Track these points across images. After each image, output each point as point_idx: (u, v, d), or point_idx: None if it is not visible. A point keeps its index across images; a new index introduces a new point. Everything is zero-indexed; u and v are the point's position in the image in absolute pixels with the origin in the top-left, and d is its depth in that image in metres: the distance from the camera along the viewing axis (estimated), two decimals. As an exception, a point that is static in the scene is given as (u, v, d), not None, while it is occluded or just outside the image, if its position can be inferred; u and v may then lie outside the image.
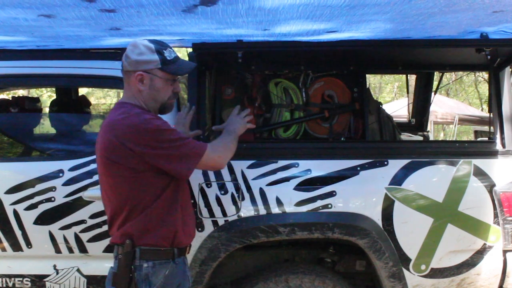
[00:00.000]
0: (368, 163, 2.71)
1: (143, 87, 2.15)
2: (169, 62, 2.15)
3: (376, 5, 2.10)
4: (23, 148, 3.83)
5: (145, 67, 2.14)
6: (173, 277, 2.11)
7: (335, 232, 2.66)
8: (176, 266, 2.13)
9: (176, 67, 2.18)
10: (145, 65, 2.13)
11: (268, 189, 2.68)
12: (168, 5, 2.08)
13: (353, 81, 3.25)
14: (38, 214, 2.70)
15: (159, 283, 2.07)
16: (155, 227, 2.08)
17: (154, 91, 2.16)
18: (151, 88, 2.15)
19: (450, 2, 2.09)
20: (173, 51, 2.20)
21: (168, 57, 2.15)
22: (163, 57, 2.14)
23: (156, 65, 2.13)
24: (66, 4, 2.05)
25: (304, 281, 2.72)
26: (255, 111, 3.19)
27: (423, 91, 4.41)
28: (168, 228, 2.10)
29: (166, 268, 2.09)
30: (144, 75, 2.14)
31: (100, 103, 18.51)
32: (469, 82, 20.38)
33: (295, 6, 2.09)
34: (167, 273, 2.09)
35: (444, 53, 3.21)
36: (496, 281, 2.75)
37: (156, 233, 2.08)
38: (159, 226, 2.08)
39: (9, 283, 2.79)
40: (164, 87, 2.18)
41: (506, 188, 2.69)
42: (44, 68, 2.89)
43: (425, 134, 4.36)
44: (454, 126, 12.38)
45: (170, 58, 2.16)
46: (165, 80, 2.17)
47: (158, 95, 2.17)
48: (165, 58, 2.15)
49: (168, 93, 2.20)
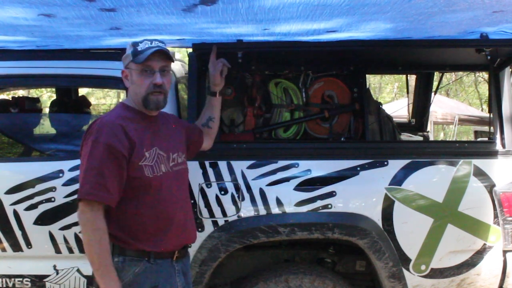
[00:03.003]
0: (368, 163, 2.71)
1: (128, 83, 2.18)
2: (138, 53, 2.09)
3: (376, 4, 2.10)
4: (23, 148, 3.83)
5: (125, 63, 2.18)
6: (145, 276, 2.06)
7: (335, 232, 2.66)
8: (151, 266, 2.07)
9: (141, 56, 2.08)
10: (125, 61, 2.18)
11: (268, 189, 2.68)
12: (168, 4, 2.08)
13: (353, 81, 3.25)
14: (38, 215, 2.70)
15: (127, 280, 2.03)
16: (122, 227, 2.06)
17: (134, 85, 2.15)
18: (132, 82, 2.16)
19: (450, 2, 2.09)
20: (150, 43, 2.11)
21: (140, 48, 2.10)
22: (134, 49, 2.11)
23: (130, 58, 2.13)
24: (66, 3, 2.05)
25: (304, 282, 2.72)
26: (255, 111, 3.19)
27: (423, 91, 4.41)
28: (127, 232, 2.06)
29: (137, 266, 2.06)
30: (125, 71, 2.18)
31: (100, 103, 18.51)
32: (469, 82, 20.37)
33: (295, 5, 2.09)
34: (138, 271, 2.05)
35: (444, 53, 3.21)
36: (496, 281, 2.75)
37: (124, 232, 2.06)
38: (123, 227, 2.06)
39: (9, 283, 2.78)
40: (139, 79, 2.11)
41: (506, 188, 2.69)
42: (44, 68, 2.89)
43: (425, 134, 4.36)
44: (454, 126, 12.37)
45: (140, 49, 2.09)
46: (140, 72, 2.11)
47: (138, 89, 2.13)
48: (136, 50, 2.10)
49: (145, 86, 2.10)
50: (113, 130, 2.04)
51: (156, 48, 2.10)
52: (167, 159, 2.16)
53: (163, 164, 2.13)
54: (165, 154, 2.16)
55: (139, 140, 2.09)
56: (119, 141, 2.02)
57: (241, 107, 3.22)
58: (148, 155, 2.10)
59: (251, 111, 3.19)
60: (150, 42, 2.12)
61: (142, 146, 2.09)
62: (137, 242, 2.07)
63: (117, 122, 2.07)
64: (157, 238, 2.09)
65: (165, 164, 2.15)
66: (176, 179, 2.19)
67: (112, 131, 2.03)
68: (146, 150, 2.10)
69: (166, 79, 2.15)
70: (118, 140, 2.02)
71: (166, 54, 2.13)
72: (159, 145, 2.15)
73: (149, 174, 2.07)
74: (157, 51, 2.09)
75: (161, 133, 2.21)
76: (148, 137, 2.13)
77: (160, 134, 2.20)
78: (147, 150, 2.10)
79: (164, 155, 2.15)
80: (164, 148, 2.16)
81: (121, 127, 2.05)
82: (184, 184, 2.30)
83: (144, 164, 2.07)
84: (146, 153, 2.09)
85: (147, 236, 2.08)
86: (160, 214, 2.10)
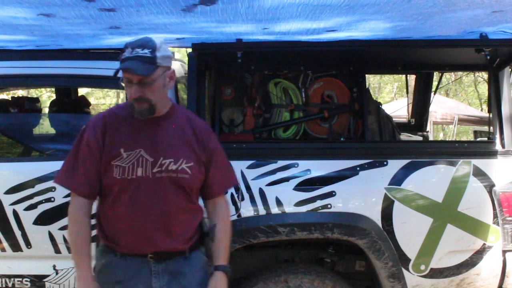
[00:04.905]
0: (368, 163, 2.71)
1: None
2: (120, 60, 2.01)
3: (376, 4, 2.10)
4: (23, 148, 3.83)
5: None
6: (111, 269, 2.09)
7: (335, 232, 2.66)
8: (118, 261, 2.07)
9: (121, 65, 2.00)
10: None
11: (268, 189, 2.68)
12: (167, 4, 2.08)
13: (352, 81, 3.26)
14: (38, 214, 2.70)
15: (97, 268, 2.12)
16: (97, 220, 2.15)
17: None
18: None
19: (450, 2, 2.09)
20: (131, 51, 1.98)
21: (122, 55, 2.01)
22: (121, 53, 2.03)
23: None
24: (66, 3, 2.05)
25: (304, 281, 2.72)
26: (255, 111, 3.19)
27: (423, 91, 4.41)
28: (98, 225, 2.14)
29: (105, 257, 2.11)
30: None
31: (100, 103, 18.52)
32: (469, 82, 20.39)
33: (295, 4, 2.09)
34: (105, 262, 2.11)
35: (444, 53, 3.21)
36: (495, 281, 2.75)
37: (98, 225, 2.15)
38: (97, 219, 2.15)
39: (9, 283, 2.78)
40: (126, 86, 2.03)
41: (506, 188, 2.69)
42: (44, 68, 2.88)
43: (425, 134, 4.36)
44: (454, 126, 12.38)
45: (123, 56, 2.00)
46: (125, 78, 2.02)
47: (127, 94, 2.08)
48: (121, 55, 2.03)
49: (129, 94, 2.02)
50: (95, 123, 2.10)
51: (123, 67, 1.98)
52: (152, 164, 2.04)
53: (142, 168, 2.03)
54: (151, 158, 2.05)
55: (119, 138, 2.05)
56: (94, 132, 2.07)
57: (240, 107, 3.22)
58: (126, 155, 2.03)
59: (250, 111, 3.19)
60: (132, 50, 1.98)
61: (119, 145, 2.04)
62: (103, 237, 2.13)
63: (103, 116, 2.12)
64: (115, 239, 2.09)
65: (146, 168, 2.03)
66: (156, 185, 2.04)
67: (94, 123, 2.10)
68: (125, 151, 2.03)
69: (148, 89, 2.00)
70: (95, 131, 2.07)
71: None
72: (147, 148, 2.05)
73: (116, 175, 2.02)
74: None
75: (158, 136, 2.09)
76: (133, 138, 2.06)
77: (156, 138, 2.08)
78: (127, 150, 2.04)
79: (149, 160, 2.04)
80: (153, 153, 2.05)
81: (102, 121, 2.09)
82: (170, 192, 2.06)
83: (116, 164, 2.03)
84: (124, 153, 2.03)
85: (109, 233, 2.11)
86: (119, 217, 2.06)
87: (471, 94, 21.55)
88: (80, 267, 2.04)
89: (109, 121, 2.09)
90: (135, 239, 2.06)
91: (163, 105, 2.10)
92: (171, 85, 2.10)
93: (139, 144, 2.06)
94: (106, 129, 2.07)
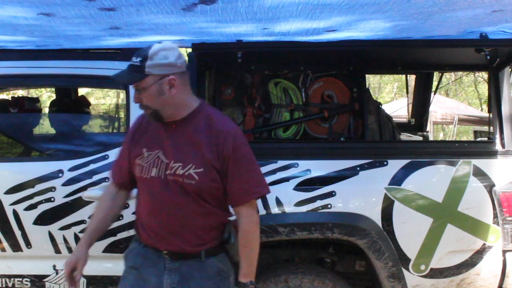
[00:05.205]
0: (368, 163, 2.71)
1: None
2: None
3: (376, 3, 2.10)
4: (23, 148, 3.83)
5: None
6: (133, 254, 2.19)
7: (335, 232, 2.66)
8: (140, 248, 2.16)
9: None
10: None
11: (268, 189, 2.68)
12: (167, 4, 2.08)
13: (352, 81, 3.26)
14: (38, 214, 2.70)
15: (127, 250, 2.24)
16: None
17: None
18: None
19: (450, 1, 2.09)
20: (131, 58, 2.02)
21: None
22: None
23: None
24: (66, 2, 2.05)
25: (304, 281, 2.72)
26: (255, 111, 3.19)
27: (423, 91, 4.41)
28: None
29: (133, 242, 2.24)
30: None
31: (100, 103, 18.52)
32: (469, 82, 20.39)
33: (295, 4, 2.09)
34: (131, 246, 2.23)
35: (444, 53, 3.21)
36: (495, 281, 2.75)
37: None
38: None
39: (9, 283, 2.78)
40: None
41: (506, 188, 2.69)
42: (44, 68, 2.89)
43: (425, 134, 4.36)
44: (454, 126, 12.38)
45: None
46: None
47: None
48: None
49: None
50: (135, 121, 2.25)
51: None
52: (166, 166, 2.06)
53: (157, 169, 2.07)
54: (166, 160, 2.07)
55: (145, 138, 2.13)
56: (131, 130, 2.24)
57: (240, 107, 3.22)
58: (147, 155, 2.09)
59: (250, 111, 3.19)
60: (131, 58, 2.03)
61: (144, 145, 2.11)
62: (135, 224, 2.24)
63: (142, 116, 2.19)
64: (139, 229, 2.19)
65: (160, 170, 2.07)
66: (167, 188, 2.06)
67: (134, 122, 2.26)
68: (147, 150, 2.09)
69: (143, 95, 2.02)
70: (131, 129, 2.24)
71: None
72: (165, 150, 2.08)
73: (138, 172, 2.12)
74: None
75: (174, 140, 2.09)
76: (155, 139, 2.10)
77: (174, 140, 2.08)
78: (149, 150, 2.09)
79: (164, 161, 2.07)
80: (168, 155, 2.07)
81: (138, 121, 2.22)
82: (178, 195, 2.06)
83: (138, 162, 2.11)
84: (146, 153, 2.09)
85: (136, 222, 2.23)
86: (140, 210, 2.17)
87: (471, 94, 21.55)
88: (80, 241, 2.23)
89: (143, 121, 2.18)
90: (149, 235, 2.13)
91: (173, 111, 2.06)
92: (173, 92, 2.02)
93: (158, 145, 2.10)
94: (138, 128, 2.18)
